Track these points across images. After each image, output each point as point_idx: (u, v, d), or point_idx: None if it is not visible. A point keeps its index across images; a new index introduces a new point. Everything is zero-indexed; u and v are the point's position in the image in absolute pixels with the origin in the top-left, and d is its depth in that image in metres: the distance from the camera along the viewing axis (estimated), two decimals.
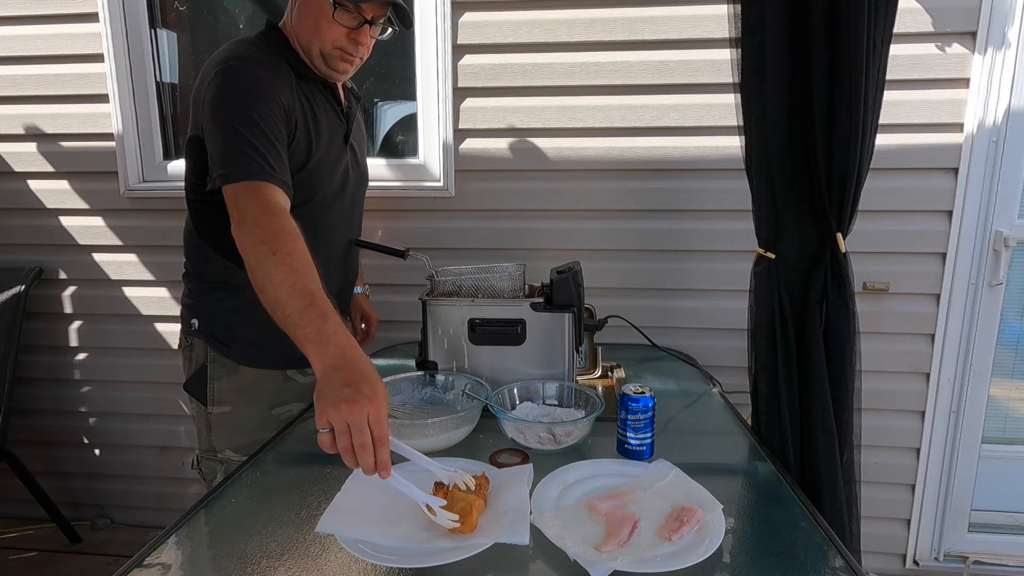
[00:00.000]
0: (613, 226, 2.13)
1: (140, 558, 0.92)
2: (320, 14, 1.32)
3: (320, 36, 1.34)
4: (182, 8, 2.27)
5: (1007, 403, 2.22)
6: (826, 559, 0.91)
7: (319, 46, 1.35)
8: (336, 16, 1.31)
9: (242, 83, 1.26)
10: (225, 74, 1.26)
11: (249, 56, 1.31)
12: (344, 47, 1.35)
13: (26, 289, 2.28)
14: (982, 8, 1.87)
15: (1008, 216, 2.00)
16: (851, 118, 1.21)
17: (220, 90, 1.25)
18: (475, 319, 1.43)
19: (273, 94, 1.27)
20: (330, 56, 1.36)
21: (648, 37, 2.00)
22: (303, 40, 1.36)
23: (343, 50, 1.36)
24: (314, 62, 1.37)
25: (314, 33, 1.34)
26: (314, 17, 1.33)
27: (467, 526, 0.92)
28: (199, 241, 1.44)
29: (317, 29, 1.33)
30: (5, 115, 2.26)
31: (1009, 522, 2.25)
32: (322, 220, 1.46)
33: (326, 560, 0.90)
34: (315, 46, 1.35)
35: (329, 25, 1.32)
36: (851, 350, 1.34)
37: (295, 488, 1.11)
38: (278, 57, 1.35)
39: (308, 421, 1.42)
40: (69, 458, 2.52)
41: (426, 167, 2.19)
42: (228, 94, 1.25)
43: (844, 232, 1.30)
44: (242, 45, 1.34)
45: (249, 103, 1.24)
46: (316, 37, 1.34)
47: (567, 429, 1.23)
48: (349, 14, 1.32)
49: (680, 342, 2.07)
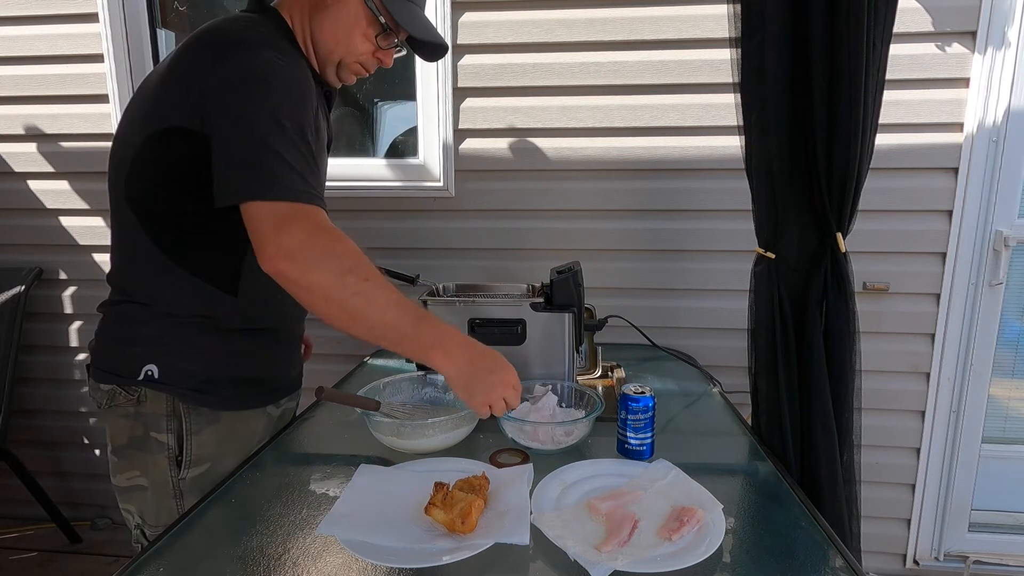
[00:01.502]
0: (613, 226, 2.13)
1: (140, 559, 0.92)
2: (356, 25, 1.20)
3: (348, 47, 1.22)
4: (182, 8, 2.28)
5: (1007, 403, 2.22)
6: (826, 559, 0.91)
7: (342, 55, 1.23)
8: (374, 34, 1.22)
9: (284, 81, 1.08)
10: (257, 62, 1.07)
11: (277, 46, 1.12)
12: (366, 63, 1.27)
13: (26, 289, 2.28)
14: (982, 8, 1.87)
15: (1008, 216, 2.00)
16: (851, 118, 1.21)
17: (253, 84, 1.05)
18: (475, 319, 1.43)
19: (310, 99, 1.12)
20: (347, 67, 1.26)
21: (647, 37, 2.00)
22: (324, 43, 1.22)
23: (363, 65, 1.27)
24: (324, 67, 1.25)
25: (342, 42, 1.22)
26: (349, 26, 1.20)
27: (467, 526, 0.92)
28: (166, 264, 1.15)
29: (349, 39, 1.21)
30: (5, 115, 2.26)
31: (1009, 522, 2.25)
32: None
33: (326, 560, 0.90)
34: (337, 54, 1.23)
35: (362, 39, 1.22)
36: (851, 350, 1.34)
37: (295, 488, 1.11)
38: (299, 53, 1.20)
39: (308, 421, 1.42)
40: (69, 458, 2.52)
41: (426, 167, 2.19)
42: (267, 91, 1.05)
43: (844, 232, 1.30)
44: (255, 28, 1.14)
45: (291, 107, 1.07)
46: (342, 46, 1.22)
47: (567, 429, 1.23)
48: (388, 36, 1.23)
49: (680, 342, 2.07)
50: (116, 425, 1.20)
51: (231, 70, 1.06)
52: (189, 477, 1.20)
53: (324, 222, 1.05)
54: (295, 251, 1.00)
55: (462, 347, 1.09)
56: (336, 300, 1.02)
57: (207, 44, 1.11)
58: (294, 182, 1.02)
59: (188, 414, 1.19)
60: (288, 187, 1.02)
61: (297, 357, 1.41)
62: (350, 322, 1.04)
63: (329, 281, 1.01)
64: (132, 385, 1.17)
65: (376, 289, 1.04)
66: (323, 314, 1.04)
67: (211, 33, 1.13)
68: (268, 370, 1.30)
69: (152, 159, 1.12)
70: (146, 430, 1.18)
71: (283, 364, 1.35)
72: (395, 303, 1.05)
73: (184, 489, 1.20)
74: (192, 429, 1.19)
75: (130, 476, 1.21)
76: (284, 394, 1.36)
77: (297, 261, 1.00)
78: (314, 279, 1.01)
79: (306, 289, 1.02)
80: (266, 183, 1.01)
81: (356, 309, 1.03)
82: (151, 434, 1.18)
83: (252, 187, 1.01)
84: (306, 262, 1.00)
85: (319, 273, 1.01)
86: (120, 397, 1.18)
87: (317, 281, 1.01)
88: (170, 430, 1.18)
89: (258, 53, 1.08)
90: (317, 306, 1.03)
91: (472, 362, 1.09)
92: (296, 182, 1.03)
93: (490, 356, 1.12)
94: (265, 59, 1.07)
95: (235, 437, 1.24)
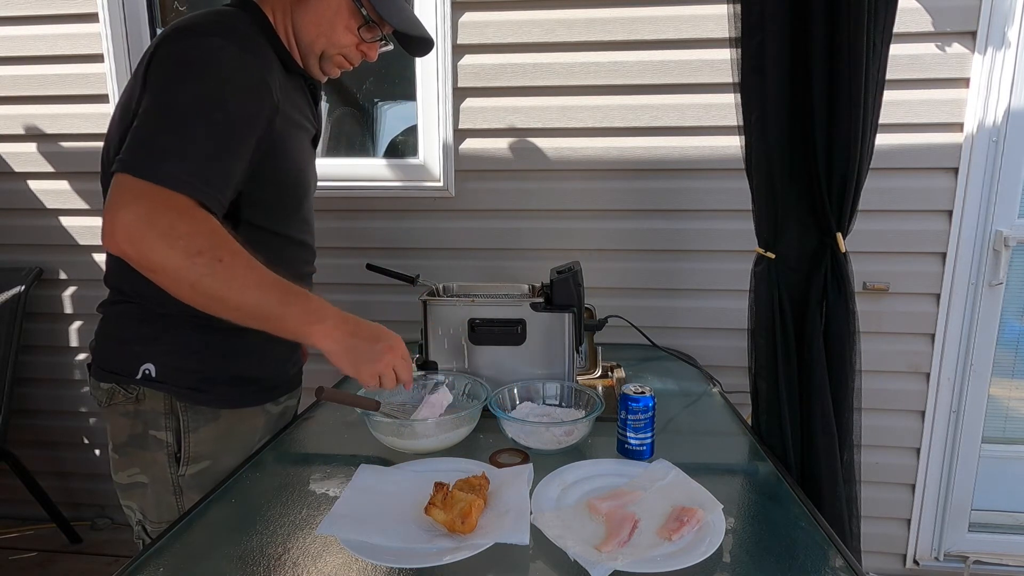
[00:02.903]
0: (613, 226, 2.13)
1: (140, 558, 0.92)
2: (338, 16, 1.19)
3: (330, 38, 1.20)
4: (182, 8, 2.28)
5: (1007, 403, 2.22)
6: (826, 559, 0.91)
7: (324, 47, 1.21)
8: (356, 26, 1.21)
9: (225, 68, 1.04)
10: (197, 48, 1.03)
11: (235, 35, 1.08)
12: (349, 55, 1.25)
13: (26, 289, 2.28)
14: (982, 8, 1.87)
15: (1008, 216, 2.00)
16: (851, 118, 1.21)
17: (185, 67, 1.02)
18: (475, 319, 1.43)
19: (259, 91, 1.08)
20: (330, 59, 1.24)
21: (647, 37, 2.00)
22: (305, 34, 1.20)
23: (347, 58, 1.25)
24: (306, 59, 1.23)
25: (323, 32, 1.20)
26: (330, 17, 1.19)
27: (467, 526, 0.92)
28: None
29: (331, 30, 1.20)
30: (5, 115, 2.26)
31: (1009, 522, 2.25)
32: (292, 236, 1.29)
33: (326, 560, 0.90)
34: (319, 46, 1.21)
35: (344, 31, 1.20)
36: (851, 350, 1.34)
37: (295, 488, 1.11)
38: (263, 40, 1.15)
39: (308, 421, 1.42)
40: (69, 458, 2.52)
41: (426, 167, 2.19)
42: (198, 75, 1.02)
43: (844, 232, 1.30)
44: (220, 20, 1.11)
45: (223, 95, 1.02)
46: (324, 37, 1.20)
47: (567, 429, 1.23)
48: (371, 29, 1.22)
49: (680, 342, 2.07)
50: (116, 423, 1.21)
51: (169, 53, 1.04)
52: (188, 474, 1.20)
53: (181, 206, 0.97)
54: (133, 229, 0.94)
55: (340, 320, 1.06)
56: (187, 281, 0.96)
57: (166, 35, 1.08)
58: (178, 168, 0.97)
59: (186, 412, 1.19)
60: (166, 172, 0.96)
61: (296, 355, 1.41)
62: (208, 304, 0.99)
63: (176, 262, 0.95)
64: (131, 384, 1.17)
65: (233, 268, 0.98)
66: (178, 296, 0.99)
67: (175, 27, 1.10)
68: (266, 368, 1.30)
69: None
70: (145, 428, 1.19)
71: (281, 362, 1.35)
72: (256, 283, 1.00)
73: (184, 486, 1.20)
74: (190, 427, 1.19)
75: (131, 473, 1.22)
76: (283, 392, 1.36)
77: (136, 241, 0.94)
78: (156, 259, 0.95)
79: (151, 270, 0.96)
80: (146, 162, 0.96)
81: (210, 290, 0.98)
82: (150, 432, 1.19)
83: (131, 161, 0.97)
84: (145, 241, 0.94)
85: (161, 252, 0.95)
86: (119, 395, 1.18)
87: (160, 261, 0.95)
88: (168, 428, 1.19)
89: (204, 40, 1.05)
90: (169, 288, 0.98)
91: (353, 334, 1.07)
92: (179, 170, 0.97)
93: (373, 327, 1.11)
94: (210, 46, 1.04)
95: (234, 434, 1.24)
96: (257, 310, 1.01)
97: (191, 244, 0.96)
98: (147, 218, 0.95)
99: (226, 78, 1.04)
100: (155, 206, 0.95)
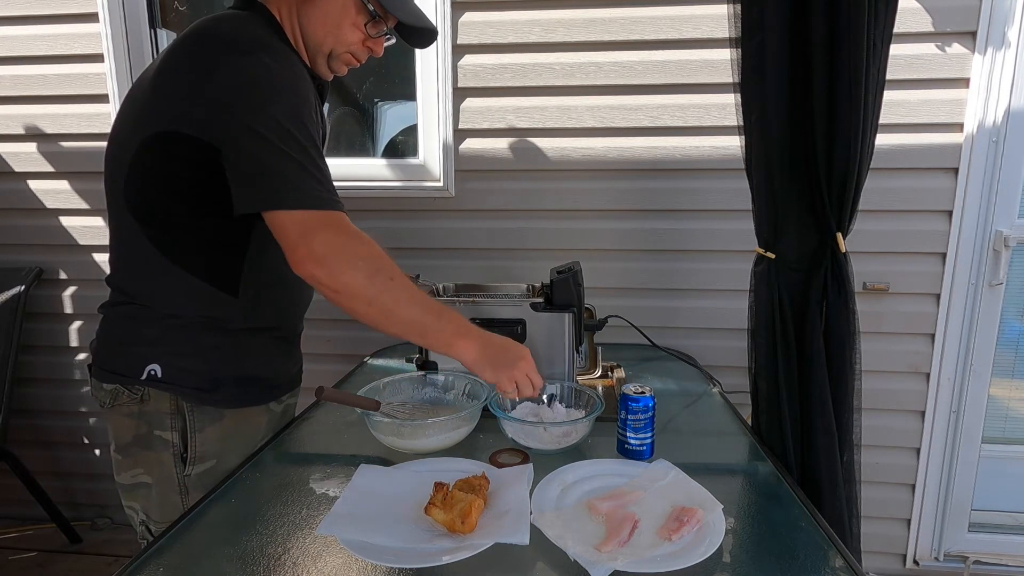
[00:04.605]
0: (613, 226, 2.13)
1: (140, 558, 0.92)
2: (345, 15, 1.20)
3: (338, 37, 1.22)
4: (182, 8, 2.28)
5: (1007, 403, 2.22)
6: (826, 559, 0.91)
7: (332, 46, 1.23)
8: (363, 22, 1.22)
9: (284, 85, 1.08)
10: (257, 67, 1.07)
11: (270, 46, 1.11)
12: (356, 53, 1.26)
13: (26, 289, 2.28)
14: (982, 8, 1.87)
15: (1008, 216, 2.00)
16: (851, 118, 1.21)
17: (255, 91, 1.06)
18: (475, 319, 1.43)
19: (310, 99, 1.13)
20: (338, 58, 1.25)
21: (647, 37, 2.00)
22: (313, 35, 1.21)
23: (354, 55, 1.26)
24: (315, 59, 1.25)
25: (331, 31, 1.21)
26: (338, 17, 1.20)
27: (467, 526, 0.92)
28: (166, 266, 1.15)
29: (338, 29, 1.21)
30: (5, 115, 2.26)
31: (1009, 522, 2.25)
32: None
33: (326, 560, 0.90)
34: (327, 45, 1.22)
35: (352, 28, 1.22)
36: (851, 350, 1.33)
37: (295, 488, 1.11)
38: (290, 50, 1.20)
39: (308, 421, 1.42)
40: (69, 458, 2.52)
41: (426, 167, 2.19)
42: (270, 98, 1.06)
43: (844, 232, 1.29)
44: (245, 28, 1.14)
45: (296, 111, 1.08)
46: (332, 37, 1.21)
47: (567, 429, 1.23)
48: (377, 24, 1.23)
49: (680, 342, 2.07)
50: (119, 424, 1.21)
51: (229, 77, 1.06)
52: (194, 473, 1.21)
53: (348, 227, 1.10)
54: (325, 256, 1.06)
55: (480, 334, 1.19)
56: (366, 299, 1.09)
57: (199, 47, 1.11)
58: (315, 189, 1.07)
59: (192, 412, 1.20)
60: (310, 195, 1.07)
61: (297, 354, 1.42)
62: (379, 318, 1.11)
63: (359, 282, 1.08)
64: (135, 384, 1.17)
65: (401, 287, 1.11)
66: (352, 312, 1.10)
67: (201, 35, 1.12)
68: (270, 368, 1.31)
69: (148, 164, 1.12)
70: (150, 428, 1.19)
71: (284, 361, 1.36)
72: (418, 299, 1.14)
73: (190, 485, 1.21)
74: (196, 427, 1.20)
75: (134, 474, 1.22)
76: (285, 390, 1.37)
77: (328, 265, 1.06)
78: (344, 280, 1.07)
79: (336, 291, 1.08)
80: (288, 192, 1.05)
81: (385, 306, 1.10)
82: (155, 432, 1.19)
83: (274, 197, 1.06)
84: (336, 266, 1.07)
85: (349, 275, 1.07)
86: (123, 396, 1.18)
87: (347, 282, 1.07)
88: (174, 428, 1.20)
89: (254, 58, 1.07)
90: (346, 305, 1.09)
91: (492, 345, 1.19)
92: (316, 189, 1.07)
93: (505, 340, 1.22)
94: (263, 64, 1.07)
95: (239, 434, 1.26)
96: (419, 324, 1.14)
97: (369, 266, 1.09)
98: (336, 245, 1.07)
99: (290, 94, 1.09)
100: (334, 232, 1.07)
